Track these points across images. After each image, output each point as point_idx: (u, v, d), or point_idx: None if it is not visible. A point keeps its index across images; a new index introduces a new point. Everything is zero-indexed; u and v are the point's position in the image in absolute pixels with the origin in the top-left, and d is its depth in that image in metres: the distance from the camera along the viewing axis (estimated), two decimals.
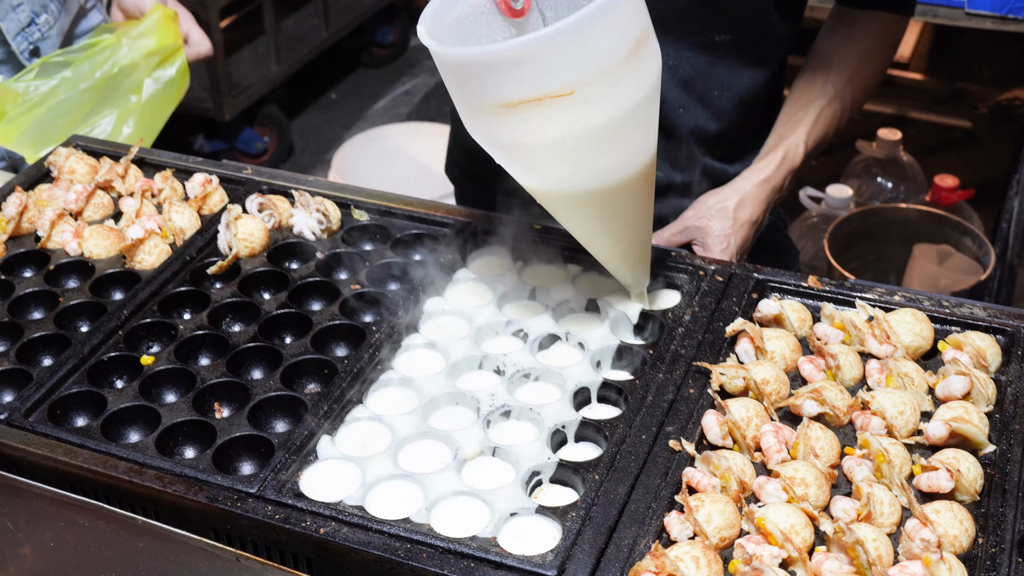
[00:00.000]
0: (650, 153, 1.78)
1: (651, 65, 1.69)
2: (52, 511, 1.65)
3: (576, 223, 1.85)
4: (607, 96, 1.63)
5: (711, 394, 1.72)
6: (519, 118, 1.63)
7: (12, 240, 2.14)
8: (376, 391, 1.79)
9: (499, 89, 1.61)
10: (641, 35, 1.65)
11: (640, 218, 1.85)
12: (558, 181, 1.75)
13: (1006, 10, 3.69)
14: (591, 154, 1.69)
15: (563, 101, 1.60)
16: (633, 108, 1.67)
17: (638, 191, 1.79)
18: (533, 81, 1.59)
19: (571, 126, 1.63)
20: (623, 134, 1.69)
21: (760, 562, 1.43)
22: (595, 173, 1.73)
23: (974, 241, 4.09)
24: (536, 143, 1.66)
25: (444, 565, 1.47)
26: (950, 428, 1.62)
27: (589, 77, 1.60)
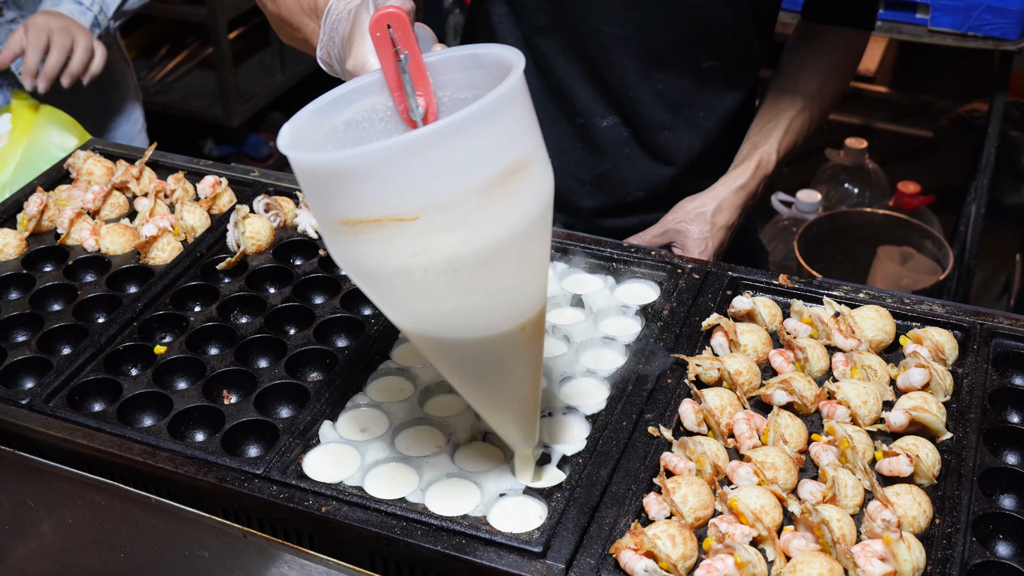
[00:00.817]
0: (529, 302, 1.44)
1: (527, 198, 1.34)
2: (71, 490, 1.65)
3: (444, 370, 1.54)
4: (459, 227, 1.29)
5: (688, 384, 1.73)
6: (360, 239, 1.32)
7: (33, 237, 2.14)
8: (375, 380, 1.79)
9: (339, 203, 1.31)
10: (513, 164, 1.31)
11: (517, 375, 1.51)
12: (412, 318, 1.43)
13: (966, 28, 3.71)
14: (443, 292, 1.35)
15: (405, 226, 1.28)
16: (496, 245, 1.33)
17: (515, 343, 1.45)
18: (372, 199, 1.28)
19: (416, 256, 1.31)
20: (484, 274, 1.35)
21: (732, 540, 1.44)
22: (451, 316, 1.40)
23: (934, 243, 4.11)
24: (379, 270, 1.34)
25: (437, 542, 1.48)
26: (910, 417, 1.63)
27: (435, 203, 1.28)
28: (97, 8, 2.82)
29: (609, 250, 2.02)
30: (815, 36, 2.33)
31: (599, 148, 2.26)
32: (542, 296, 1.46)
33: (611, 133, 2.24)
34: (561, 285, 1.99)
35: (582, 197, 2.31)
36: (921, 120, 5.61)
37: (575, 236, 2.07)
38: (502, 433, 1.60)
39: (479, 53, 1.46)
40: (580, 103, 2.22)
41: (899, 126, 5.52)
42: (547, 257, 1.46)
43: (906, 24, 3.82)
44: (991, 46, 3.75)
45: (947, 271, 3.95)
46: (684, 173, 2.28)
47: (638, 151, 2.25)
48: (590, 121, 2.23)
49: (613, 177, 2.28)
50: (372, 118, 1.51)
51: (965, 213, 4.22)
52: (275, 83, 5.81)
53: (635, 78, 2.17)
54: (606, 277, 2.00)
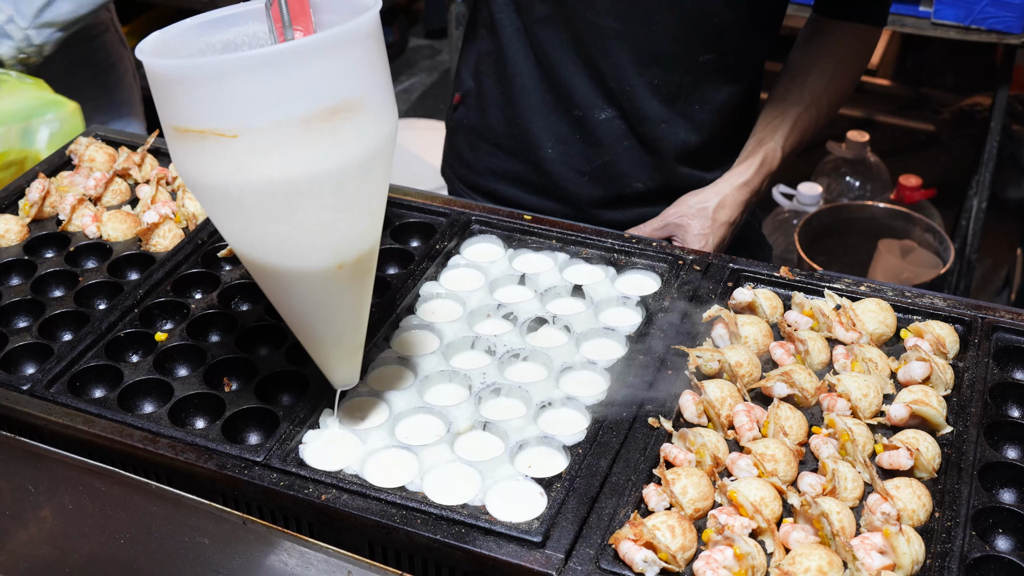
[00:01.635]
0: (349, 241, 1.49)
1: (349, 142, 1.40)
2: (71, 476, 1.65)
3: (272, 300, 1.60)
4: (275, 153, 1.36)
5: (688, 375, 1.73)
6: (188, 148, 1.39)
7: (35, 223, 2.14)
8: (375, 368, 1.79)
9: (171, 109, 1.39)
10: (341, 104, 1.37)
11: (334, 310, 1.57)
12: (232, 236, 1.50)
13: (969, 21, 3.70)
14: (257, 215, 1.42)
15: (225, 143, 1.35)
16: (311, 178, 1.38)
17: (331, 280, 1.51)
18: (198, 111, 1.35)
19: (233, 174, 1.37)
20: (298, 204, 1.41)
21: (731, 532, 1.44)
22: (266, 241, 1.46)
23: (935, 237, 4.10)
24: (202, 181, 1.42)
25: (437, 530, 1.48)
26: (910, 410, 1.63)
27: (254, 125, 1.34)
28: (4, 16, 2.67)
29: (610, 241, 2.02)
30: (825, 31, 2.32)
31: (597, 140, 2.26)
32: (366, 240, 1.51)
33: (609, 126, 2.24)
34: (562, 275, 1.99)
35: (581, 189, 2.31)
36: (923, 114, 5.61)
37: (576, 227, 2.07)
38: (324, 369, 1.65)
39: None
40: (578, 95, 2.22)
41: (901, 119, 5.52)
42: (378, 204, 1.52)
43: (909, 17, 3.82)
44: (994, 39, 3.74)
45: (948, 265, 3.95)
46: (682, 166, 2.28)
47: (636, 144, 2.25)
48: (588, 113, 2.23)
49: (611, 169, 2.28)
50: (251, 43, 1.55)
51: (966, 207, 4.22)
52: None
53: (631, 71, 2.17)
54: (607, 268, 2.00)
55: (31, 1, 2.67)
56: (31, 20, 2.69)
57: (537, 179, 2.34)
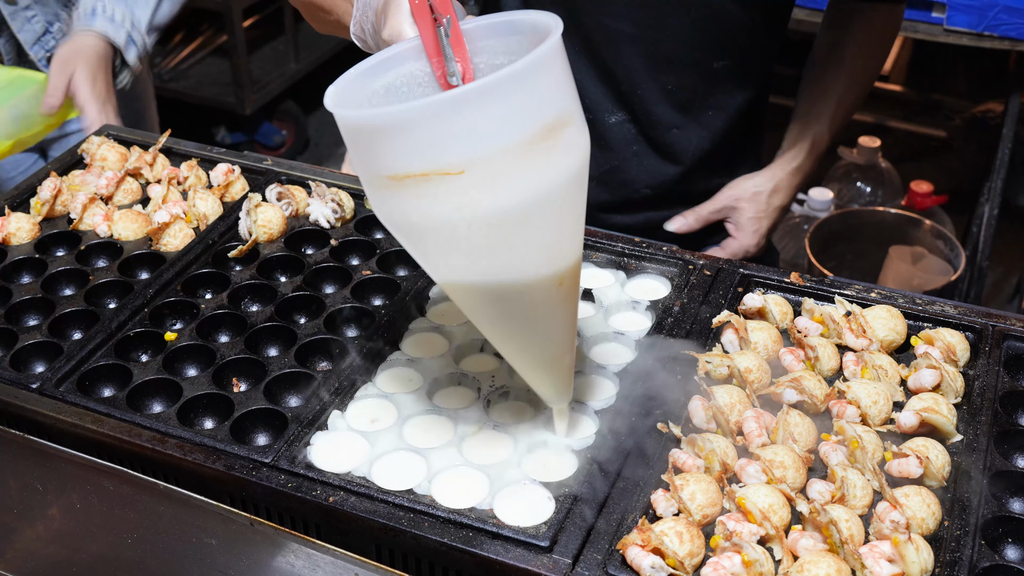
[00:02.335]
0: (566, 256, 1.49)
1: (566, 157, 1.41)
2: (79, 475, 1.65)
3: (482, 324, 1.59)
4: (502, 182, 1.35)
5: (697, 381, 1.72)
6: (406, 193, 1.37)
7: (46, 221, 2.14)
8: (384, 370, 1.79)
9: (386, 159, 1.36)
10: (555, 121, 1.38)
11: (555, 328, 1.56)
12: (453, 272, 1.48)
13: (982, 27, 3.69)
14: (486, 245, 1.41)
15: (451, 180, 1.33)
16: (536, 200, 1.38)
17: (550, 297, 1.51)
18: (419, 154, 1.33)
19: (460, 209, 1.36)
20: (525, 228, 1.40)
21: (740, 538, 1.43)
22: (493, 269, 1.45)
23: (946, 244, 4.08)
24: (424, 224, 1.39)
25: (444, 534, 1.48)
26: (921, 418, 1.63)
27: (480, 157, 1.33)
28: (129, 24, 2.77)
29: (620, 245, 2.02)
30: (851, 15, 2.34)
31: (607, 144, 2.25)
32: (578, 252, 1.51)
33: (619, 130, 2.23)
34: None
35: (589, 192, 2.30)
36: (935, 120, 5.59)
37: (586, 231, 2.06)
38: (537, 388, 1.63)
39: (515, 20, 1.49)
40: (588, 98, 2.21)
41: (913, 125, 5.51)
42: (583, 214, 1.50)
43: (922, 23, 3.80)
44: (1007, 46, 3.73)
45: (959, 272, 3.93)
46: (692, 172, 2.28)
47: (646, 148, 2.25)
48: (598, 117, 2.23)
49: (620, 174, 2.28)
50: (411, 83, 1.54)
51: (978, 214, 4.20)
52: (288, 72, 5.80)
53: (643, 76, 2.16)
54: (617, 272, 2.00)
55: (144, 8, 2.79)
56: (147, 26, 2.81)
57: None
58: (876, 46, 2.37)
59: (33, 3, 2.81)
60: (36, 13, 2.79)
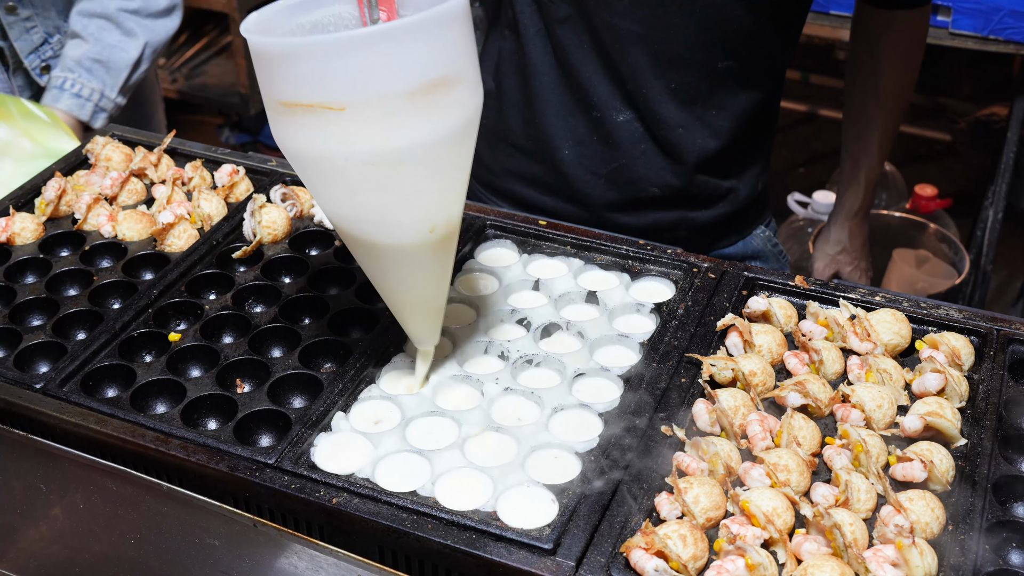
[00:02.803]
0: (441, 207, 1.59)
1: (448, 114, 1.50)
2: (83, 475, 1.65)
3: (359, 259, 1.69)
4: (380, 124, 1.45)
5: (701, 384, 1.72)
6: (295, 121, 1.48)
7: (51, 222, 2.15)
8: (387, 372, 1.79)
9: (279, 85, 1.47)
10: (439, 78, 1.46)
11: (423, 275, 1.67)
12: (331, 203, 1.59)
13: (987, 31, 3.69)
14: (360, 182, 1.52)
15: (333, 115, 1.44)
16: (411, 148, 1.48)
17: (424, 244, 1.61)
18: (308, 85, 1.44)
19: (339, 144, 1.47)
20: (399, 173, 1.51)
21: (743, 541, 1.43)
22: (365, 206, 1.56)
23: (950, 247, 4.08)
24: (307, 152, 1.51)
25: (448, 536, 1.48)
26: (925, 422, 1.62)
27: (361, 99, 1.44)
28: (97, 96, 2.78)
29: (625, 247, 2.02)
30: (877, 28, 2.40)
31: (614, 143, 2.25)
32: (456, 206, 1.63)
33: (626, 128, 2.23)
34: (576, 281, 1.98)
35: (596, 191, 2.31)
36: (939, 123, 5.59)
37: (591, 232, 2.06)
38: (408, 329, 1.75)
39: None
40: (596, 97, 2.21)
41: (917, 129, 5.50)
42: (464, 173, 1.61)
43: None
44: (1012, 50, 3.72)
45: (963, 276, 3.93)
46: (698, 172, 2.27)
47: (652, 147, 2.24)
48: (605, 115, 2.23)
49: (627, 172, 2.28)
50: (337, 23, 1.64)
51: (982, 217, 4.20)
52: None
53: (649, 74, 2.16)
54: (621, 274, 1.99)
55: (117, 75, 2.81)
56: (119, 89, 2.83)
57: (553, 180, 2.34)
58: (907, 63, 2.46)
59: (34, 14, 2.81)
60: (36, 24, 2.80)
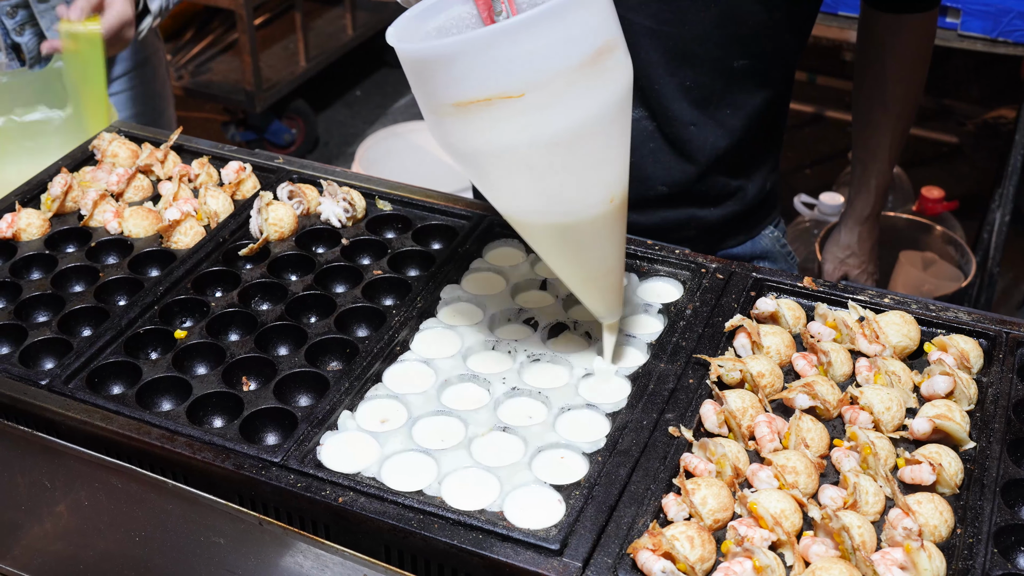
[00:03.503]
0: (616, 173, 1.63)
1: (614, 78, 1.54)
2: (88, 472, 1.65)
3: (539, 246, 1.72)
4: (559, 102, 1.49)
5: (709, 385, 1.72)
6: (470, 119, 1.50)
7: (57, 218, 2.14)
8: (394, 370, 1.78)
9: (450, 87, 1.49)
10: (604, 45, 1.51)
11: (606, 247, 1.70)
12: (515, 195, 1.62)
13: (996, 33, 3.68)
14: (545, 165, 1.54)
15: (512, 103, 1.47)
16: (590, 120, 1.52)
17: (606, 215, 1.64)
18: (482, 80, 1.46)
19: (521, 131, 1.49)
20: (580, 148, 1.54)
21: (751, 544, 1.43)
22: (551, 188, 1.58)
23: (957, 250, 4.08)
24: (488, 148, 1.53)
25: (454, 536, 1.47)
26: (933, 424, 1.62)
27: (539, 80, 1.46)
28: None
29: (633, 247, 2.01)
30: (884, 33, 2.39)
31: None
32: (626, 170, 1.65)
33: (636, 126, 2.22)
34: None
35: None
36: (946, 125, 5.58)
37: None
38: (590, 304, 1.77)
39: None
40: None
41: (925, 131, 5.49)
42: (628, 134, 1.63)
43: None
44: (1021, 52, 3.72)
45: (969, 278, 3.92)
46: (709, 171, 2.27)
47: (663, 146, 2.24)
48: None
49: (637, 171, 2.27)
50: (460, 24, 1.66)
51: (989, 220, 4.19)
52: (299, 70, 5.81)
53: (661, 71, 2.15)
54: (629, 275, 1.99)
55: None
56: None
57: None
58: (915, 66, 2.44)
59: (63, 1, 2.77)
60: None
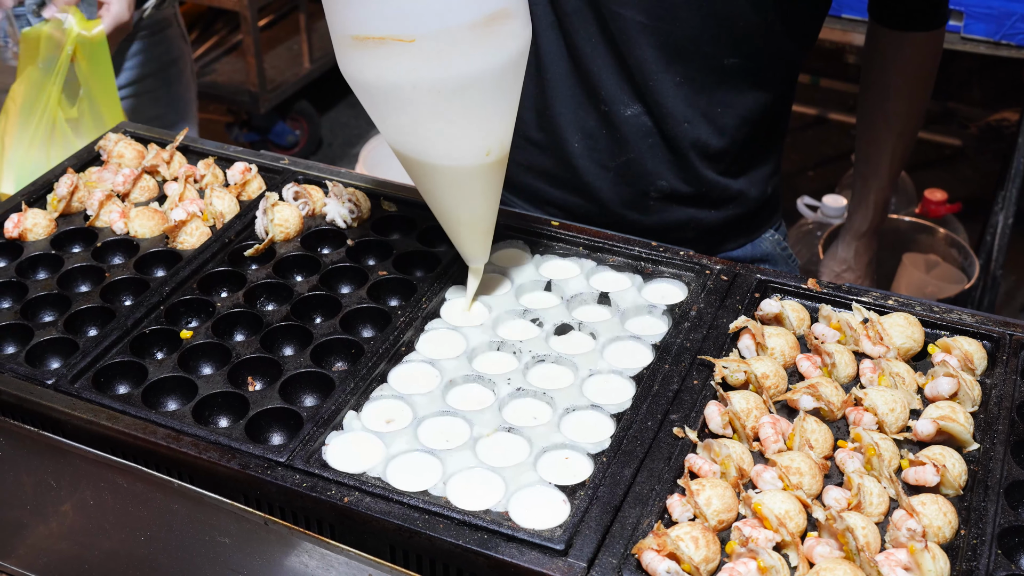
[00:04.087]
0: (496, 132, 1.76)
1: (504, 44, 1.67)
2: (93, 472, 1.65)
3: (419, 182, 1.84)
4: (446, 54, 1.62)
5: (714, 386, 1.72)
6: (366, 54, 1.64)
7: (63, 218, 2.15)
8: (399, 371, 1.79)
9: (353, 21, 1.64)
10: (497, 11, 1.64)
11: (478, 195, 1.83)
12: (399, 131, 1.75)
13: (999, 36, 3.68)
14: (427, 109, 1.68)
15: (403, 46, 1.61)
16: (474, 76, 1.66)
17: (478, 165, 1.78)
18: (381, 20, 1.61)
19: (408, 73, 1.64)
20: (461, 100, 1.68)
21: (755, 544, 1.43)
22: (430, 132, 1.72)
23: (960, 252, 4.08)
24: (377, 83, 1.67)
25: (459, 536, 1.48)
26: (937, 426, 1.62)
27: (431, 31, 1.60)
28: None
29: (637, 249, 2.02)
30: (889, 49, 2.41)
31: (623, 136, 2.25)
32: (506, 133, 1.79)
33: (634, 122, 2.23)
34: (588, 282, 1.98)
35: (605, 185, 2.30)
36: (949, 128, 5.58)
37: (603, 234, 2.06)
38: (463, 246, 1.91)
39: None
40: (605, 90, 2.21)
41: (927, 133, 5.50)
42: (515, 102, 1.77)
43: None
44: None
45: (972, 280, 3.92)
46: (706, 170, 2.27)
47: (660, 142, 2.24)
48: (614, 109, 2.23)
49: (635, 167, 2.27)
50: None
51: (992, 222, 4.19)
52: (302, 71, 5.81)
53: (655, 67, 2.16)
54: (633, 276, 1.99)
55: None
56: None
57: (563, 174, 2.34)
58: (919, 84, 2.46)
59: None
60: None
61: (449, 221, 1.88)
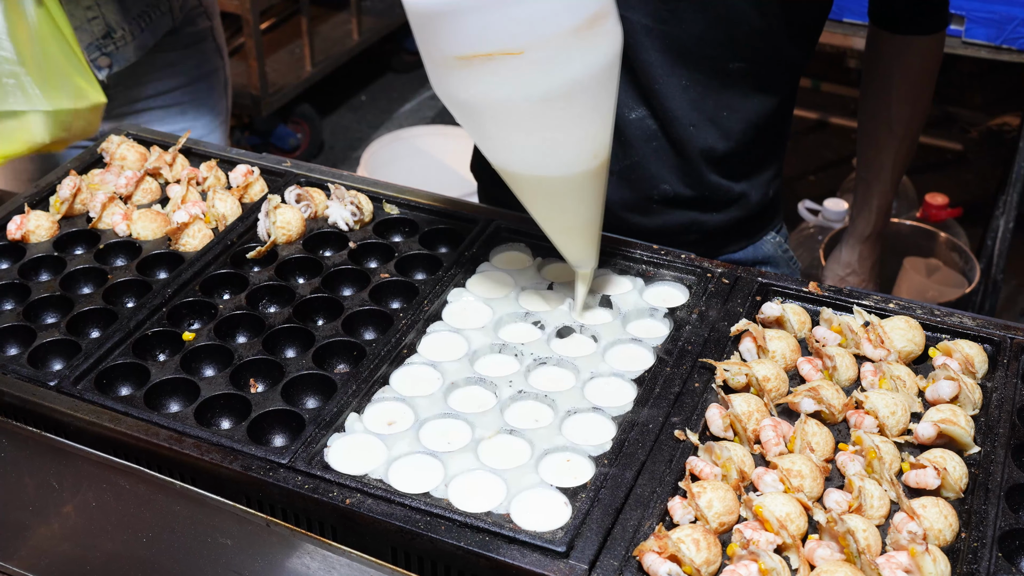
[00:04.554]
0: (601, 133, 1.75)
1: (605, 42, 1.67)
2: (96, 473, 1.65)
3: (526, 195, 1.83)
4: (555, 62, 1.61)
5: (715, 388, 1.72)
6: (471, 72, 1.62)
7: (65, 220, 2.15)
8: (401, 373, 1.79)
9: (456, 41, 1.60)
10: (598, 11, 1.63)
11: (588, 200, 1.83)
12: (509, 148, 1.74)
13: (1001, 40, 3.68)
14: (538, 123, 1.67)
15: (512, 60, 1.59)
16: (581, 80, 1.65)
17: (588, 169, 1.77)
18: (486, 36, 1.58)
19: (518, 87, 1.62)
20: (570, 106, 1.67)
21: (756, 547, 1.43)
22: (543, 142, 1.71)
23: (961, 256, 4.08)
24: (485, 100, 1.66)
25: (461, 538, 1.48)
26: (938, 429, 1.62)
27: (538, 40, 1.59)
28: None
29: (639, 252, 2.02)
30: (890, 54, 2.40)
31: (627, 139, 2.25)
32: (611, 130, 1.78)
33: (639, 125, 2.23)
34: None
35: (610, 188, 2.30)
36: (950, 132, 5.58)
37: (605, 237, 2.06)
38: (569, 253, 1.89)
39: None
40: None
41: (928, 137, 5.50)
42: (614, 101, 1.75)
43: None
44: None
45: (973, 284, 3.92)
46: (710, 173, 2.27)
47: (665, 145, 2.24)
48: (619, 111, 2.22)
49: (639, 170, 2.27)
50: None
51: (993, 226, 4.19)
52: (304, 75, 5.82)
53: (660, 71, 2.16)
54: (635, 279, 2.00)
55: None
56: None
57: None
58: (920, 88, 2.45)
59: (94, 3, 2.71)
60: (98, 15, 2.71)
61: (556, 230, 1.87)
